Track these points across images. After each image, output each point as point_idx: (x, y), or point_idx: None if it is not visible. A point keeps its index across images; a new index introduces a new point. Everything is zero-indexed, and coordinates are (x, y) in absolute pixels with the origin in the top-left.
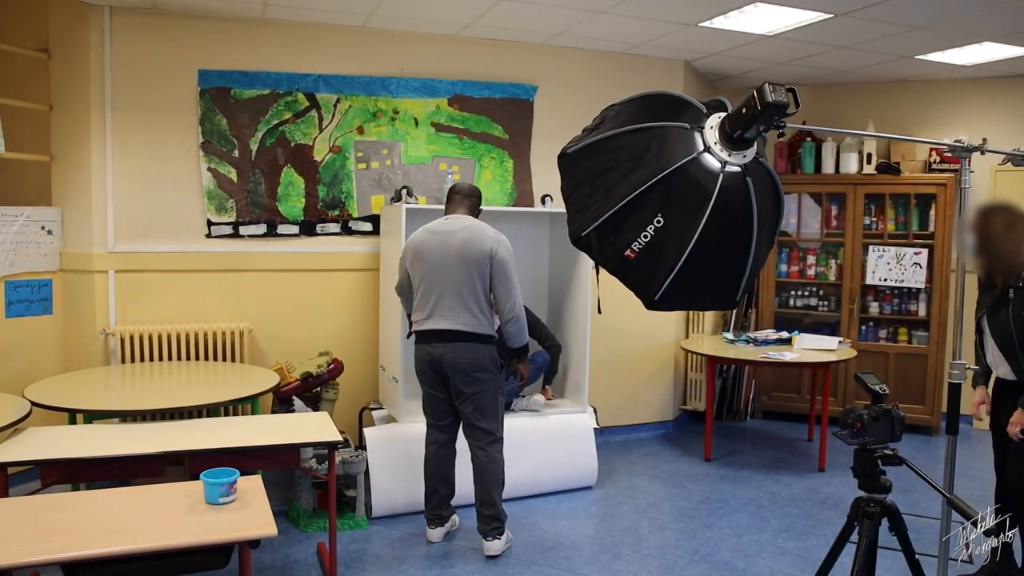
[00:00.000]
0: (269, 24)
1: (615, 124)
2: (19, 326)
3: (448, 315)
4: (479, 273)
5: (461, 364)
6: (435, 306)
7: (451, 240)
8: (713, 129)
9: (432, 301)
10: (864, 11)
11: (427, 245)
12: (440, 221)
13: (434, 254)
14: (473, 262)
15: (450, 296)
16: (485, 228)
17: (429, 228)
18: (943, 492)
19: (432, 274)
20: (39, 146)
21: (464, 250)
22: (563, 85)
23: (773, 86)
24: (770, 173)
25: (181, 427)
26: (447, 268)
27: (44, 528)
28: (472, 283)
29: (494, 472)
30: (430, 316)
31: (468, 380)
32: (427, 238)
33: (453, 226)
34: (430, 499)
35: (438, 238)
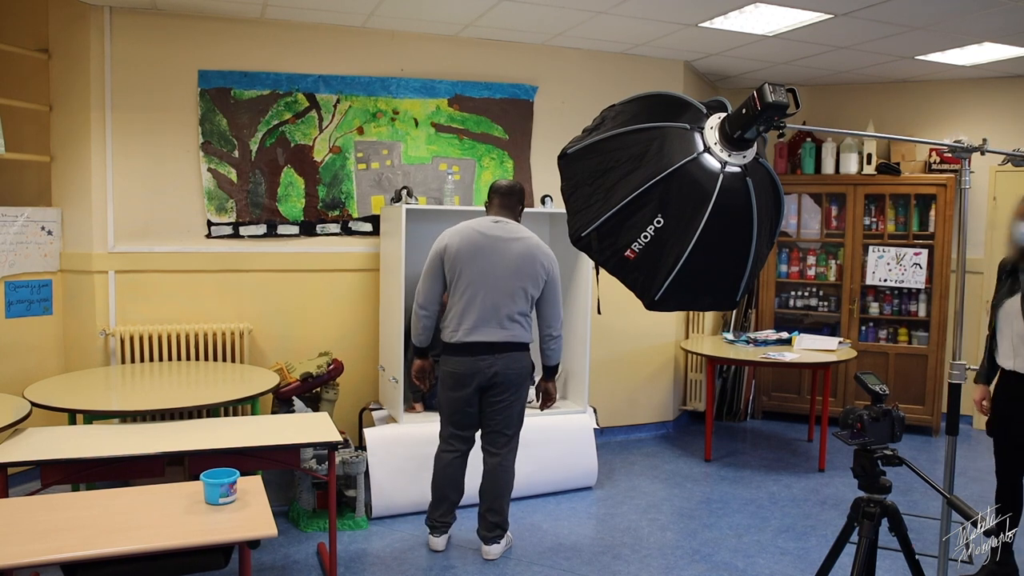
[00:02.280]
0: (269, 24)
1: (615, 124)
2: (19, 326)
3: (497, 326)
4: (534, 287)
5: (512, 376)
6: (484, 315)
7: (509, 249)
8: (713, 129)
9: (479, 310)
10: (864, 11)
11: (479, 248)
12: (488, 223)
13: (487, 260)
14: (530, 277)
15: (502, 306)
16: (541, 243)
17: (477, 229)
18: (943, 492)
19: (483, 281)
20: (39, 146)
21: (523, 263)
22: (563, 85)
23: (773, 86)
24: (770, 174)
25: (181, 427)
26: (503, 278)
27: (44, 528)
28: (525, 295)
29: (506, 480)
30: (477, 326)
31: (512, 390)
32: (477, 240)
33: (508, 233)
34: (438, 506)
35: (492, 244)
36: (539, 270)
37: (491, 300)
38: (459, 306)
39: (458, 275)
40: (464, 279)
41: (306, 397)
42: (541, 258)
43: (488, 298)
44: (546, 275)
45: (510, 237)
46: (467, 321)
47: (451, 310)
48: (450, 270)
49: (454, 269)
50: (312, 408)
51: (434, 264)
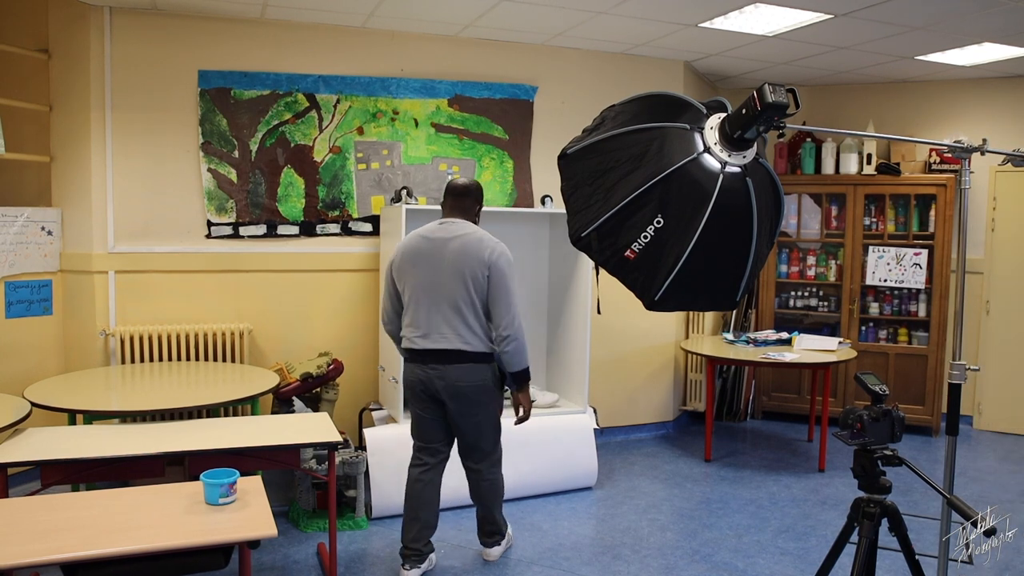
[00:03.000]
0: (269, 24)
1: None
2: (19, 326)
3: (445, 333)
4: (475, 286)
5: (464, 388)
6: (429, 322)
7: (445, 249)
8: (713, 130)
9: (425, 317)
10: (864, 11)
11: (420, 253)
12: (433, 226)
13: (427, 264)
14: (469, 275)
15: (446, 311)
16: (484, 236)
17: (421, 234)
18: (943, 492)
19: (425, 286)
20: (39, 146)
21: (459, 260)
22: (563, 85)
23: (773, 87)
24: (770, 174)
25: (181, 427)
26: (442, 280)
27: (44, 528)
28: (469, 297)
29: (492, 492)
30: (425, 334)
31: (470, 403)
32: (419, 245)
33: (448, 232)
34: (409, 528)
35: (431, 246)
36: (476, 266)
37: (436, 306)
38: (408, 315)
39: (404, 284)
40: (408, 287)
41: (306, 397)
42: (479, 252)
43: (434, 304)
44: (487, 270)
45: (449, 236)
46: (417, 329)
47: (404, 318)
48: (398, 280)
49: (400, 279)
50: (312, 408)
51: (386, 278)
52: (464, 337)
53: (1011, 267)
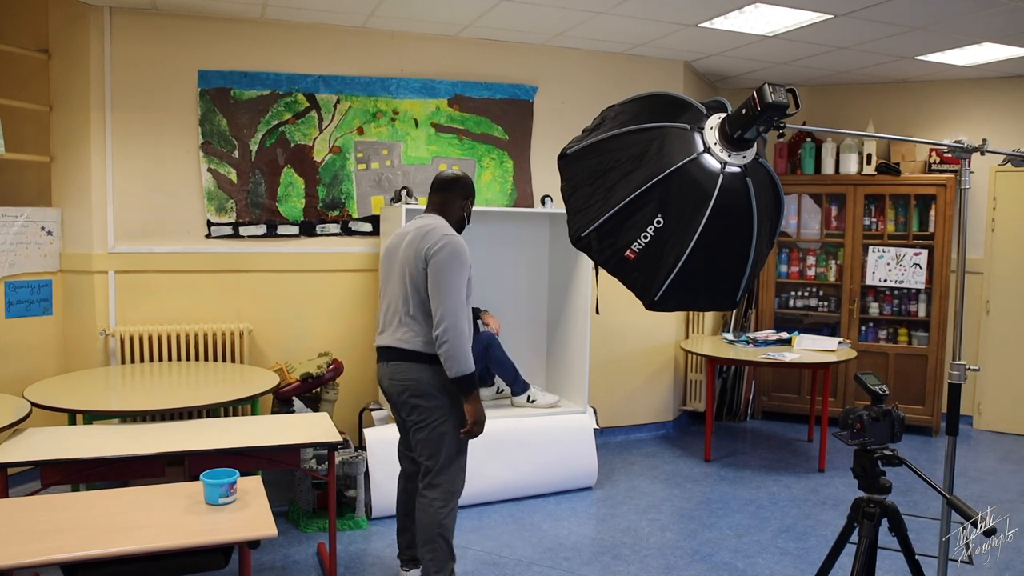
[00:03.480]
0: (269, 24)
1: (615, 125)
2: (19, 327)
3: (388, 329)
4: (412, 280)
5: (396, 387)
6: (384, 318)
7: (401, 244)
8: (713, 130)
9: (382, 313)
10: (864, 12)
11: (388, 250)
12: (411, 222)
13: (388, 260)
14: (410, 267)
15: (394, 307)
16: (434, 228)
17: (398, 231)
18: (943, 492)
19: (384, 282)
20: (39, 146)
21: (404, 254)
22: (563, 85)
23: (773, 87)
24: (770, 174)
25: (181, 427)
26: (392, 275)
27: (44, 528)
28: (405, 292)
29: (425, 522)
30: (381, 331)
31: (406, 407)
32: (392, 242)
33: (412, 227)
34: (400, 536)
35: (396, 241)
36: (416, 259)
37: (388, 300)
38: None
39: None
40: (381, 284)
41: (306, 397)
42: (421, 245)
43: (386, 299)
44: (424, 261)
45: (408, 230)
46: (379, 325)
47: None
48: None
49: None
50: (312, 408)
51: None
52: (399, 334)
53: (1011, 267)
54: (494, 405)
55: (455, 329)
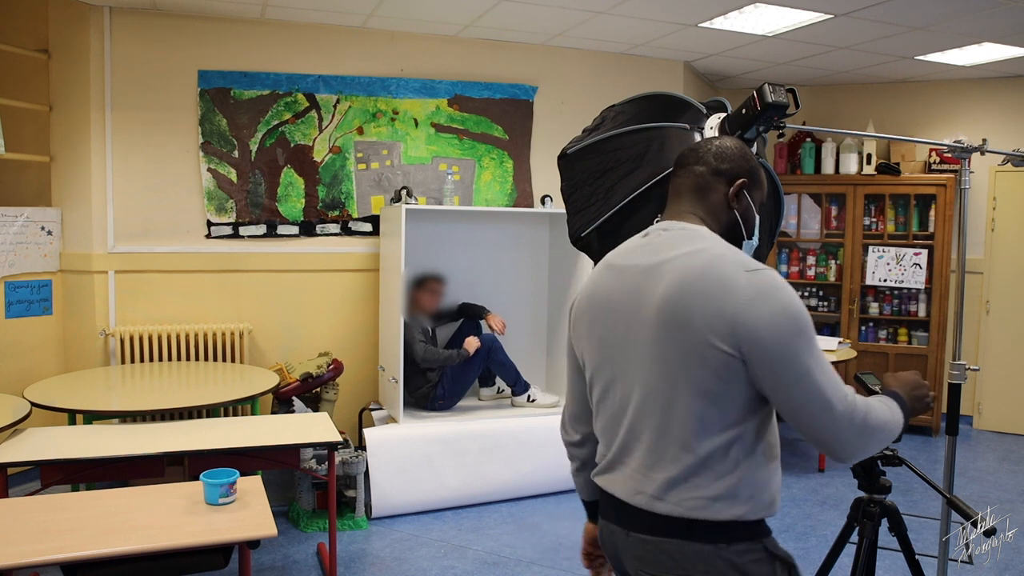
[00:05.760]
0: (269, 24)
1: (615, 124)
2: (19, 326)
3: (632, 463)
4: (703, 364)
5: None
6: (611, 435)
7: (646, 283)
8: (713, 129)
9: (606, 422)
10: (864, 11)
11: (600, 294)
12: (633, 242)
13: (614, 316)
14: (677, 341)
15: (640, 422)
16: (728, 256)
17: (612, 259)
18: (943, 492)
19: (607, 361)
20: (39, 146)
21: (669, 309)
22: (563, 85)
23: (773, 87)
24: (770, 174)
25: (181, 427)
26: (634, 348)
27: (44, 528)
28: (682, 394)
29: None
30: (604, 456)
31: None
32: (604, 280)
33: (655, 251)
34: None
35: (621, 281)
36: (712, 315)
37: (620, 400)
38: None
39: (581, 354)
40: (588, 361)
41: (306, 397)
42: (719, 291)
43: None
44: (733, 325)
45: (653, 260)
46: (601, 444)
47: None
48: (575, 345)
49: (578, 343)
50: (312, 408)
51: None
52: (680, 485)
53: (1011, 267)
54: (495, 405)
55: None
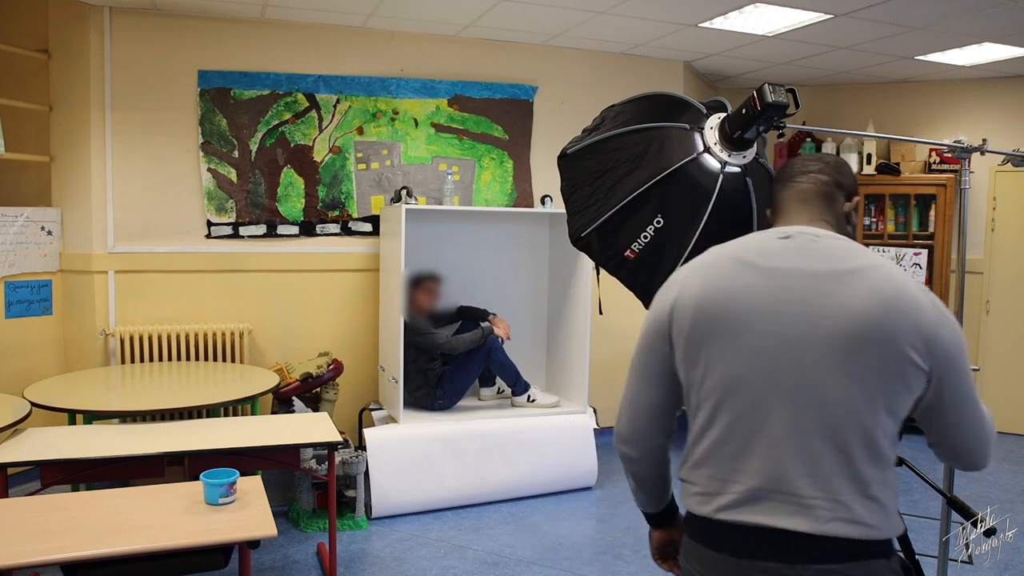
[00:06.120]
0: (269, 24)
1: (615, 125)
2: (19, 326)
3: (806, 488)
4: (900, 379)
5: None
6: (760, 465)
7: (829, 292)
8: (713, 130)
9: (758, 450)
10: (864, 11)
11: (741, 296)
12: (772, 240)
13: (776, 322)
14: (878, 356)
15: (810, 441)
16: (903, 273)
17: (746, 256)
18: (943, 492)
19: (759, 374)
20: (39, 146)
21: (872, 322)
22: (563, 85)
23: (773, 87)
24: (770, 174)
25: (181, 427)
26: (813, 361)
27: (44, 528)
28: (874, 410)
29: None
30: (756, 491)
31: None
32: (743, 280)
33: (819, 257)
34: None
35: (773, 284)
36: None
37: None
38: (707, 440)
39: (699, 368)
40: (709, 376)
41: (306, 397)
42: (907, 305)
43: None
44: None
45: (813, 266)
46: (730, 475)
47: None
48: (683, 355)
49: (690, 353)
50: (312, 408)
51: (647, 346)
52: (857, 504)
53: (1011, 267)
54: (495, 405)
55: None
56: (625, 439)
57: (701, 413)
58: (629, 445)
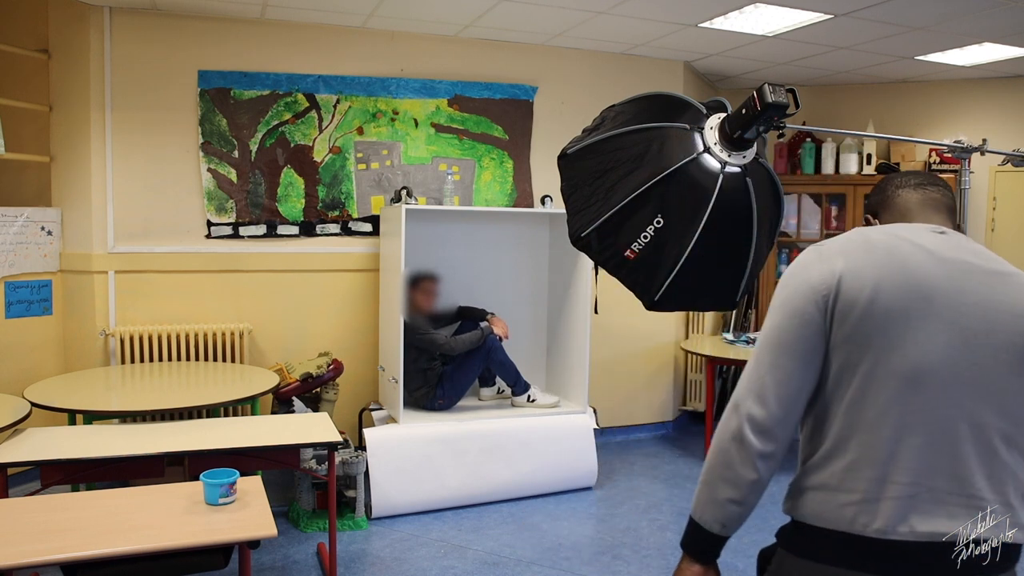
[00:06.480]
0: (269, 24)
1: (615, 125)
2: (19, 327)
3: (984, 491)
4: None
5: None
6: (936, 466)
7: (1002, 290)
8: (713, 130)
9: (926, 451)
10: (864, 11)
11: (923, 281)
12: (919, 230)
13: (959, 313)
14: None
15: (990, 440)
16: None
17: (921, 241)
18: None
19: (945, 372)
20: (39, 146)
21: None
22: (563, 85)
23: (773, 87)
24: (770, 174)
25: (181, 427)
26: (991, 359)
27: (44, 528)
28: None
29: None
30: (899, 486)
31: None
32: (922, 264)
33: (983, 256)
34: None
35: (951, 273)
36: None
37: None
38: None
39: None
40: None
41: (306, 397)
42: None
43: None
44: None
45: (995, 269)
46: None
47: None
48: (841, 341)
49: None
50: (312, 408)
51: (788, 327)
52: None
53: None
54: (495, 405)
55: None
56: (767, 429)
57: (867, 402)
58: (769, 437)
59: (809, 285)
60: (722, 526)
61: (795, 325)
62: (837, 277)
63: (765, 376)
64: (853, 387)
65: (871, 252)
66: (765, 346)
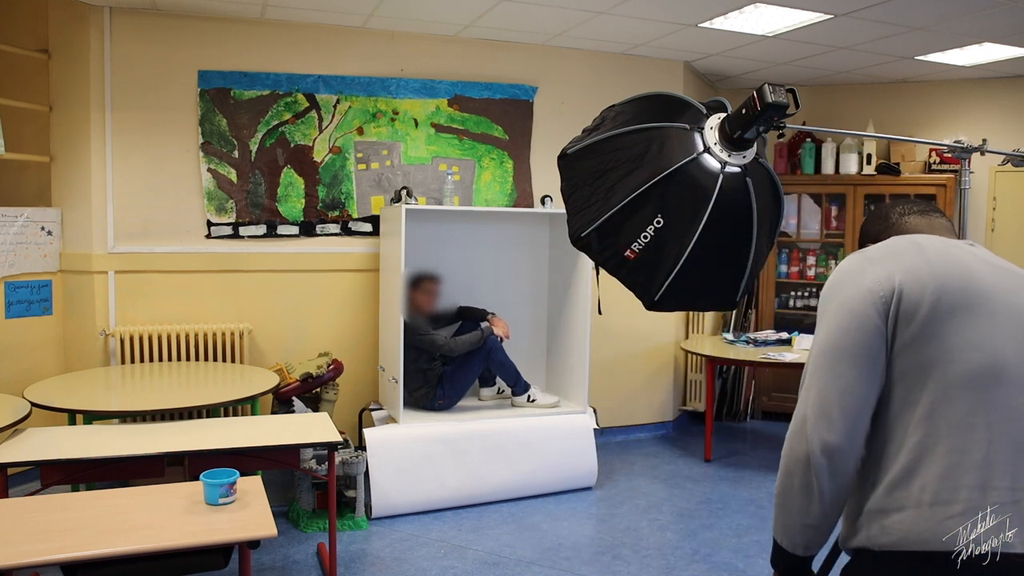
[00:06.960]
0: (269, 24)
1: (615, 125)
2: (19, 327)
3: None
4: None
5: None
6: (1004, 463)
7: None
8: (713, 130)
9: (1009, 452)
10: (864, 11)
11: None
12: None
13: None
14: None
15: None
16: None
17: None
18: None
19: (1010, 367)
20: (39, 146)
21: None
22: (563, 85)
23: (773, 87)
24: (770, 174)
25: (181, 427)
26: None
27: (44, 528)
28: None
29: None
30: (1016, 503)
31: None
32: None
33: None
34: None
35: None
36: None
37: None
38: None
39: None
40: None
41: (306, 397)
42: None
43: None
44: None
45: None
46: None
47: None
48: (907, 342)
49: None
50: (312, 408)
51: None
52: None
53: None
54: (495, 405)
55: None
56: (835, 449)
57: (950, 404)
58: (838, 457)
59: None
60: (805, 548)
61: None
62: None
63: (827, 388)
64: (929, 390)
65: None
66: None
